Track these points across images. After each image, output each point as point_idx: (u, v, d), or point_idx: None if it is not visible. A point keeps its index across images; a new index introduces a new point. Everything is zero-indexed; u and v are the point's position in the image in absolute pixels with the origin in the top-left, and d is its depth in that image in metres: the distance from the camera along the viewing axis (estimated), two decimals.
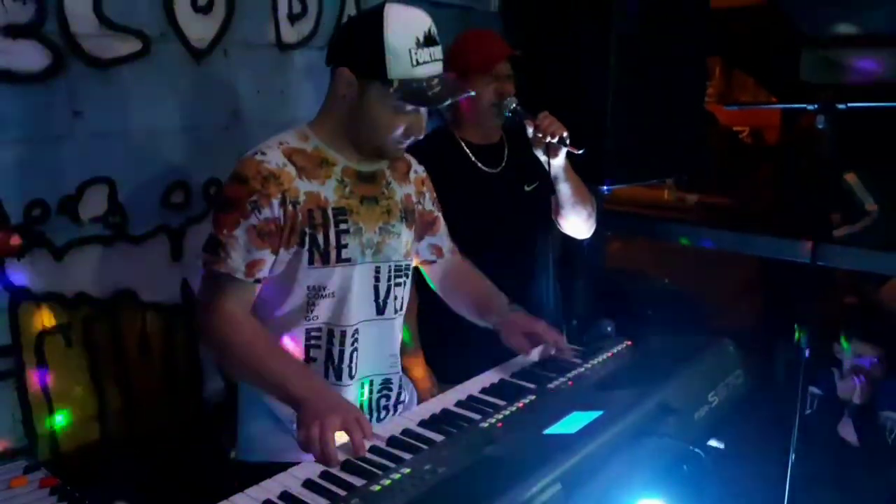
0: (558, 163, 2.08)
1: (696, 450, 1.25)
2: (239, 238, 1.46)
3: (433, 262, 1.83)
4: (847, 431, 2.81)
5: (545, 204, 2.21)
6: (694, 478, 1.31)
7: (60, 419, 1.84)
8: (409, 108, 1.50)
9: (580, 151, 2.04)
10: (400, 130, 1.53)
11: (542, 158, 2.07)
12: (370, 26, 1.46)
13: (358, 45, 1.49)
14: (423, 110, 1.53)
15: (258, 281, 1.50)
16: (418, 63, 1.46)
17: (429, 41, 1.47)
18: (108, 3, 1.81)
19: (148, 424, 2.02)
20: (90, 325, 1.89)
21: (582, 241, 2.37)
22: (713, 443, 1.54)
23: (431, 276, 1.87)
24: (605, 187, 2.65)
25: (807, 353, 2.36)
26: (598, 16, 2.47)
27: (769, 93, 5.18)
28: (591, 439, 1.23)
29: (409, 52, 1.44)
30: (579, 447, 1.20)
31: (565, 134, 2.01)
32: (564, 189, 2.14)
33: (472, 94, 1.71)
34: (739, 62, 5.31)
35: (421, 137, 1.57)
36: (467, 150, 2.15)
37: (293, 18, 2.24)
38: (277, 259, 1.51)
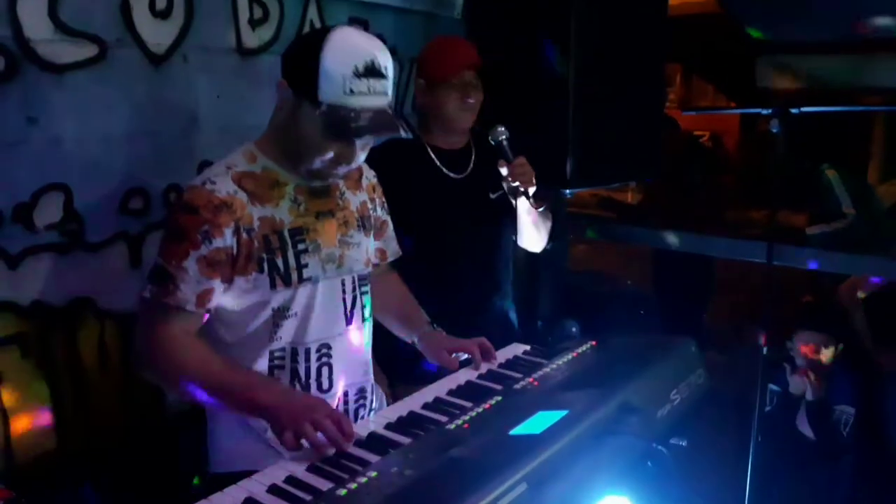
0: (520, 204, 2.09)
1: (660, 448, 1.27)
2: (189, 269, 1.43)
3: (375, 265, 1.81)
4: (804, 426, 2.88)
5: (510, 211, 2.23)
6: (657, 475, 1.32)
7: (16, 430, 1.79)
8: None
9: (539, 210, 2.07)
10: (329, 156, 1.48)
11: (508, 194, 2.09)
12: (311, 44, 1.42)
13: (297, 60, 1.47)
14: (358, 140, 1.47)
15: (208, 311, 1.48)
16: (352, 92, 1.40)
17: (370, 73, 1.41)
18: (64, 7, 1.77)
19: (107, 435, 1.98)
20: (46, 334, 1.85)
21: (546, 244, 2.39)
22: (675, 440, 1.56)
23: None
24: (567, 191, 2.69)
25: (765, 350, 2.42)
26: (558, 22, 2.50)
27: (728, 99, 5.30)
28: (557, 439, 1.23)
29: (343, 78, 1.39)
30: (545, 447, 1.20)
31: (531, 190, 2.02)
32: (524, 219, 2.17)
33: (404, 135, 1.50)
34: (698, 69, 5.43)
35: (352, 166, 1.52)
36: (433, 155, 2.15)
37: (254, 24, 2.22)
38: (234, 287, 1.49)
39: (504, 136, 2.02)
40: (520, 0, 2.59)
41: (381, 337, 1.91)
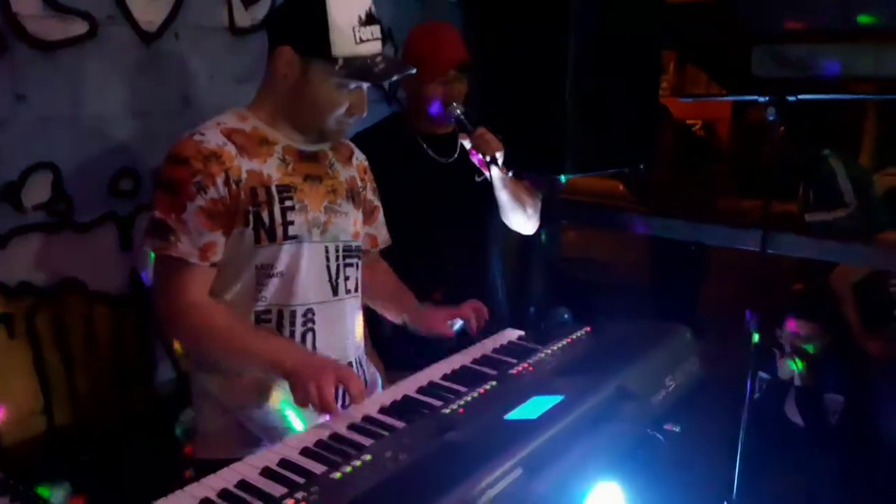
0: (494, 174, 2.08)
1: (657, 434, 1.26)
2: (188, 222, 1.43)
3: (366, 251, 1.80)
4: (793, 413, 2.90)
5: (494, 196, 2.22)
6: (652, 461, 1.32)
7: (3, 413, 1.78)
8: (352, 85, 1.51)
9: (509, 174, 2.05)
10: (343, 109, 1.53)
11: (479, 167, 2.08)
12: (313, 4, 1.45)
13: (300, 23, 1.48)
14: (365, 88, 1.54)
15: (214, 265, 1.47)
16: (361, 41, 1.47)
17: (370, 19, 1.49)
18: None
19: (96, 418, 1.97)
20: (34, 315, 1.83)
21: (539, 231, 2.38)
22: (669, 426, 1.56)
23: None
24: (562, 177, 2.68)
25: (756, 338, 2.43)
26: (556, 9, 2.48)
27: (721, 87, 5.29)
28: (552, 424, 1.23)
29: (353, 29, 1.45)
30: (540, 432, 1.20)
31: (498, 154, 2.01)
32: (502, 196, 2.15)
33: (415, 71, 1.68)
34: (693, 57, 5.41)
35: (364, 115, 1.57)
36: (420, 140, 2.14)
37: (247, 2, 2.18)
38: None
39: (459, 111, 2.05)
40: None
41: (373, 323, 1.91)
